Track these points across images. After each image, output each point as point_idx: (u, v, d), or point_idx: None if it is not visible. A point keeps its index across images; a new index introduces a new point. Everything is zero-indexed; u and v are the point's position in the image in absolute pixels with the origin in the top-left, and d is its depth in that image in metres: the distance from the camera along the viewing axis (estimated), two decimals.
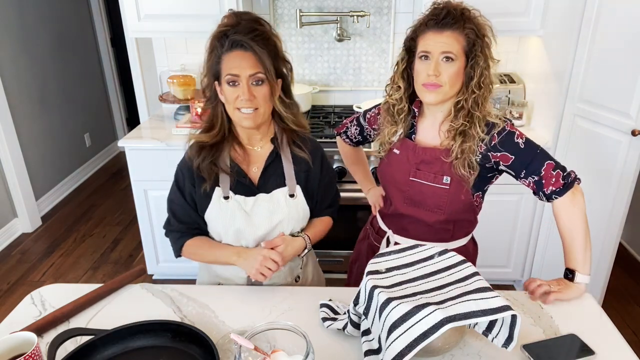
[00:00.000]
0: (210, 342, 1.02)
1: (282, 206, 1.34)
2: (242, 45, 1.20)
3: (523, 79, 2.61)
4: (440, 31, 1.24)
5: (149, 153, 2.41)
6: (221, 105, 1.30)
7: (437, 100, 1.29)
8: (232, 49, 1.21)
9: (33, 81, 3.57)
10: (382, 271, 1.11)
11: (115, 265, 3.02)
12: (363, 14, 2.62)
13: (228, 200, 1.31)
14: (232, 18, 1.23)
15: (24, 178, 3.36)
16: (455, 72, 1.25)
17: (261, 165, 1.35)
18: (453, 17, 1.23)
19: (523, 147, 1.30)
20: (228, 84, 1.23)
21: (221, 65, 1.23)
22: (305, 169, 1.37)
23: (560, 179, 1.28)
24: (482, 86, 1.27)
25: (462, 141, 1.29)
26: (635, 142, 1.89)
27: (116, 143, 4.64)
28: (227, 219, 1.32)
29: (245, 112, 1.24)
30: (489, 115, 1.31)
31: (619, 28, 1.87)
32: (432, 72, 1.25)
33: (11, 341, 0.98)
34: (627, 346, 1.11)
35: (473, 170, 1.31)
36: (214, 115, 1.31)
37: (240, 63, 1.20)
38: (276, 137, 1.36)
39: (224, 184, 1.31)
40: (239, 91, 1.22)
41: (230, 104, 1.24)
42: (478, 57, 1.25)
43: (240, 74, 1.21)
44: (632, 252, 3.05)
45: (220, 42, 1.22)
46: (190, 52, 2.78)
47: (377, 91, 2.83)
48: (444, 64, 1.25)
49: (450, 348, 1.05)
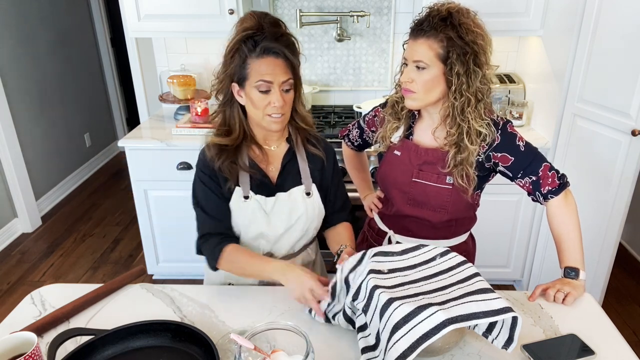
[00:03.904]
0: (210, 342, 1.02)
1: (299, 205, 1.35)
2: (275, 52, 1.19)
3: (523, 79, 2.61)
4: (415, 39, 1.26)
5: (149, 153, 2.41)
6: (237, 107, 1.29)
7: (414, 105, 1.32)
8: (263, 55, 1.19)
9: (33, 81, 3.57)
10: (384, 271, 1.11)
11: (115, 265, 3.02)
12: (363, 14, 2.62)
13: (248, 200, 1.32)
14: (253, 20, 1.21)
15: (24, 178, 3.36)
16: (428, 80, 1.26)
17: (278, 164, 1.36)
18: (429, 24, 1.23)
19: (523, 149, 1.32)
20: (259, 90, 1.22)
21: (249, 70, 1.21)
22: (319, 167, 1.39)
23: (555, 179, 1.31)
24: (463, 94, 1.24)
25: (456, 152, 1.29)
26: (635, 142, 1.89)
27: (116, 143, 4.63)
28: (247, 218, 1.32)
29: (276, 117, 1.25)
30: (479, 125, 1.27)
31: (619, 28, 1.87)
32: (404, 78, 1.29)
33: (11, 341, 0.98)
34: (627, 346, 1.11)
35: (469, 182, 1.31)
36: (230, 118, 1.30)
37: (274, 70, 1.20)
38: (291, 137, 1.37)
39: (244, 184, 1.31)
40: (270, 97, 1.22)
41: (260, 110, 1.24)
42: (454, 64, 1.22)
43: (274, 80, 1.20)
44: (632, 252, 3.05)
45: (248, 46, 1.20)
46: (190, 52, 2.78)
47: (377, 91, 2.83)
48: (416, 72, 1.26)
49: (450, 348, 1.05)
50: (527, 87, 2.57)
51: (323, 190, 1.40)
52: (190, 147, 2.38)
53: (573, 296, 1.23)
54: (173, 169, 2.43)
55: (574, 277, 1.27)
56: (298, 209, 1.35)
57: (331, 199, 1.43)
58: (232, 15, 2.36)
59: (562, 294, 1.23)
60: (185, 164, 2.41)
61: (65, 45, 3.99)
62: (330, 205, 1.43)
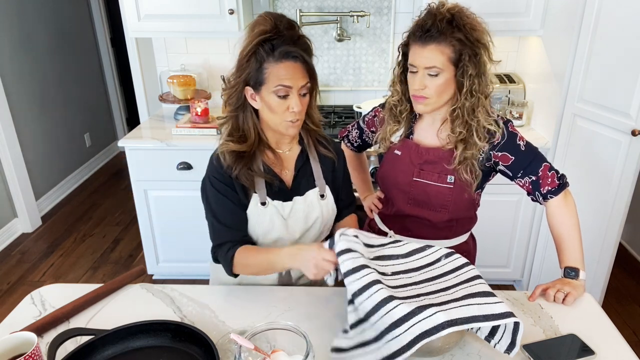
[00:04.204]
0: (210, 342, 1.02)
1: (315, 207, 1.34)
2: (294, 55, 1.16)
3: (523, 79, 2.61)
4: (424, 45, 1.24)
5: (149, 153, 2.41)
6: (250, 111, 1.25)
7: (426, 110, 1.32)
8: (282, 60, 1.16)
9: (33, 81, 3.57)
10: (388, 274, 1.11)
11: (115, 265, 3.02)
12: (363, 14, 2.62)
13: (266, 206, 1.29)
14: (269, 22, 1.16)
15: (24, 178, 3.36)
16: (441, 84, 1.26)
17: (292, 167, 1.33)
18: (437, 29, 1.21)
19: (524, 149, 1.33)
20: (277, 95, 1.18)
21: (266, 74, 1.17)
22: (331, 168, 1.38)
23: (555, 179, 1.32)
24: (474, 94, 1.26)
25: (463, 148, 1.30)
26: (635, 142, 1.89)
27: (116, 143, 4.63)
28: (265, 225, 1.29)
29: (293, 122, 1.22)
30: (488, 122, 1.29)
31: (619, 28, 1.87)
32: (417, 86, 1.27)
33: (11, 341, 0.98)
34: (627, 346, 1.11)
35: (476, 175, 1.33)
36: (244, 123, 1.26)
37: (294, 74, 1.17)
38: (302, 139, 1.35)
39: (260, 190, 1.28)
40: (289, 102, 1.19)
41: (279, 115, 1.20)
42: (467, 67, 1.23)
43: (293, 85, 1.17)
44: (632, 252, 3.05)
45: (265, 50, 1.15)
46: (190, 52, 2.78)
47: (377, 91, 2.83)
48: (429, 78, 1.26)
49: (450, 348, 1.05)
50: (527, 87, 2.57)
51: (335, 190, 1.39)
52: (190, 147, 2.38)
53: (573, 296, 1.23)
54: (173, 169, 2.42)
55: (574, 277, 1.27)
56: (314, 211, 1.33)
57: (343, 197, 1.42)
58: (232, 15, 2.36)
59: (562, 294, 1.23)
60: (185, 164, 2.41)
61: (65, 45, 3.99)
62: (342, 204, 1.43)
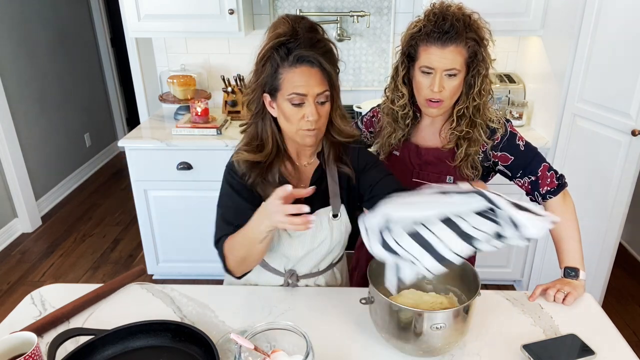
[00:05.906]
0: (210, 342, 1.02)
1: (324, 228, 1.26)
2: (310, 61, 1.08)
3: (523, 79, 2.61)
4: (444, 46, 1.21)
5: (149, 153, 2.41)
6: (270, 119, 1.18)
7: (439, 113, 1.32)
8: (297, 65, 1.08)
9: (33, 81, 3.57)
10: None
11: (115, 265, 3.02)
12: (363, 14, 2.63)
13: None
14: (287, 25, 1.10)
15: (24, 178, 3.36)
16: (456, 85, 1.26)
17: (307, 182, 1.25)
18: (456, 30, 1.20)
19: (523, 149, 1.33)
20: (292, 103, 1.11)
21: (281, 80, 1.10)
22: (346, 186, 1.28)
23: (554, 180, 1.32)
24: (483, 93, 1.28)
25: (467, 145, 1.31)
26: (635, 142, 1.89)
27: (116, 143, 4.63)
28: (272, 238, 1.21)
29: (309, 131, 1.13)
30: (490, 120, 1.32)
31: (619, 28, 1.87)
32: (437, 88, 1.23)
33: (11, 341, 0.98)
34: (627, 346, 1.11)
35: (477, 170, 1.34)
36: (262, 131, 1.19)
37: (309, 81, 1.09)
38: (323, 152, 1.25)
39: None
40: (304, 110, 1.10)
41: (294, 123, 1.13)
42: (480, 67, 1.24)
43: (308, 92, 1.09)
44: (632, 252, 3.05)
45: (280, 54, 1.09)
46: (190, 52, 2.78)
47: (377, 91, 2.83)
48: (447, 79, 1.24)
49: (450, 348, 1.05)
50: (527, 87, 2.57)
51: (351, 208, 1.29)
52: (190, 147, 2.38)
53: (573, 296, 1.23)
54: (173, 169, 2.42)
55: (574, 277, 1.27)
56: (322, 232, 1.26)
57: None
58: (232, 15, 2.36)
59: (562, 294, 1.23)
60: (185, 164, 2.41)
61: (65, 45, 3.99)
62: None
